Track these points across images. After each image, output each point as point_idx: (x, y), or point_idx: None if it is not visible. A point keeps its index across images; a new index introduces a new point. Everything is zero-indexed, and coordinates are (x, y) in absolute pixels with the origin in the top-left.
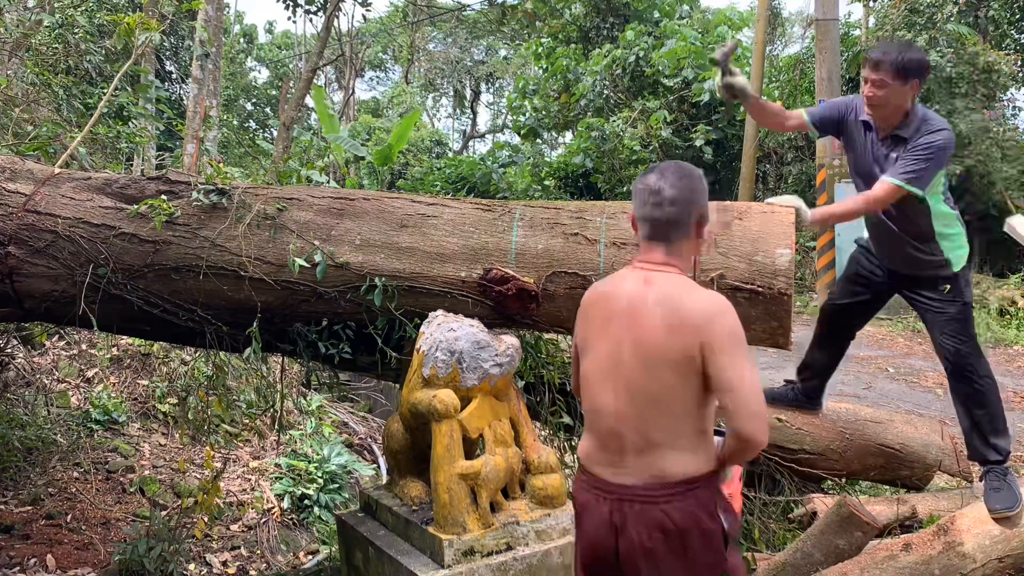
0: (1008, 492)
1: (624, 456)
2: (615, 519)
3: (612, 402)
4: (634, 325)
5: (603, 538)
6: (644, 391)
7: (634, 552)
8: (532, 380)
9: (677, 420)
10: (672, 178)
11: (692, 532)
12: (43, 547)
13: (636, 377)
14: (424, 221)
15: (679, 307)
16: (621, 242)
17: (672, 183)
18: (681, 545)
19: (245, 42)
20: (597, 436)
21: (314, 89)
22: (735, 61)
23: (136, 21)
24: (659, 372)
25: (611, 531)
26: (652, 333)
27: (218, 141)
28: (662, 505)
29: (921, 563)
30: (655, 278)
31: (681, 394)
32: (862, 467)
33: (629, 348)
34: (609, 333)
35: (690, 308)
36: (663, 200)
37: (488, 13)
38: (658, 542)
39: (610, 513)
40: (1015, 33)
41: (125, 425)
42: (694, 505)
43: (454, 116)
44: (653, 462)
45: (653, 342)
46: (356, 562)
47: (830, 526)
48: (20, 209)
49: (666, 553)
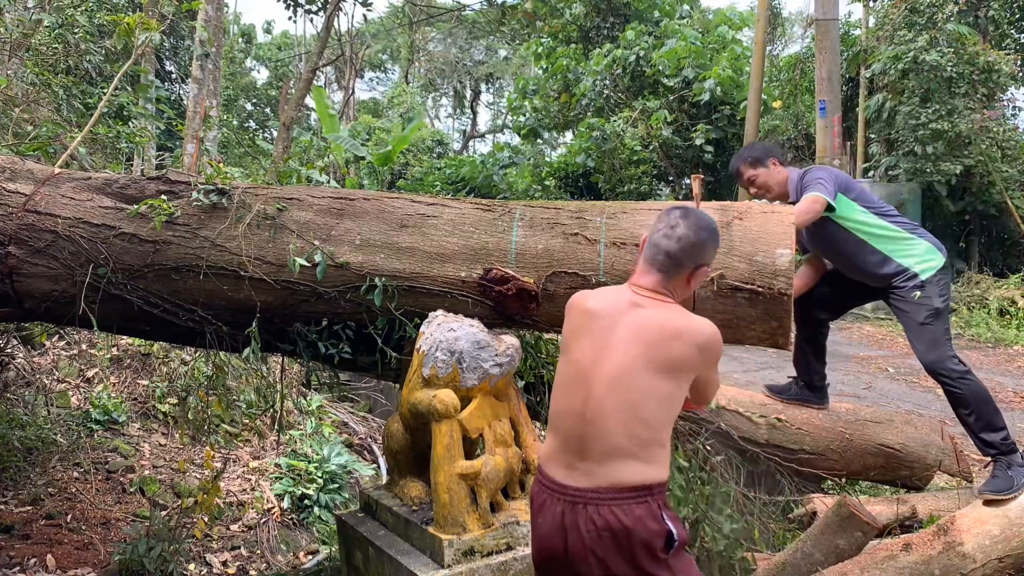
0: (1003, 479)
1: (583, 460)
2: (566, 520)
3: (581, 405)
4: (623, 334)
5: (554, 538)
6: (620, 397)
7: (582, 552)
8: (532, 380)
9: (646, 429)
10: (693, 223)
11: (638, 534)
12: (43, 547)
13: (614, 383)
14: (424, 221)
15: (678, 323)
16: (621, 242)
17: (691, 227)
18: (627, 546)
19: (244, 42)
20: (560, 437)
21: (314, 89)
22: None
23: (136, 21)
24: (642, 379)
25: (561, 532)
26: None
27: (218, 141)
28: (611, 507)
29: (921, 563)
30: (646, 303)
31: (658, 402)
32: (862, 467)
33: (614, 355)
34: (592, 338)
35: (689, 326)
36: (674, 235)
37: (488, 13)
38: (605, 542)
39: (561, 514)
40: (1015, 33)
41: (125, 425)
42: (642, 510)
43: (454, 116)
44: (611, 469)
45: (643, 351)
46: (356, 562)
47: (830, 526)
48: (20, 209)
49: (613, 554)
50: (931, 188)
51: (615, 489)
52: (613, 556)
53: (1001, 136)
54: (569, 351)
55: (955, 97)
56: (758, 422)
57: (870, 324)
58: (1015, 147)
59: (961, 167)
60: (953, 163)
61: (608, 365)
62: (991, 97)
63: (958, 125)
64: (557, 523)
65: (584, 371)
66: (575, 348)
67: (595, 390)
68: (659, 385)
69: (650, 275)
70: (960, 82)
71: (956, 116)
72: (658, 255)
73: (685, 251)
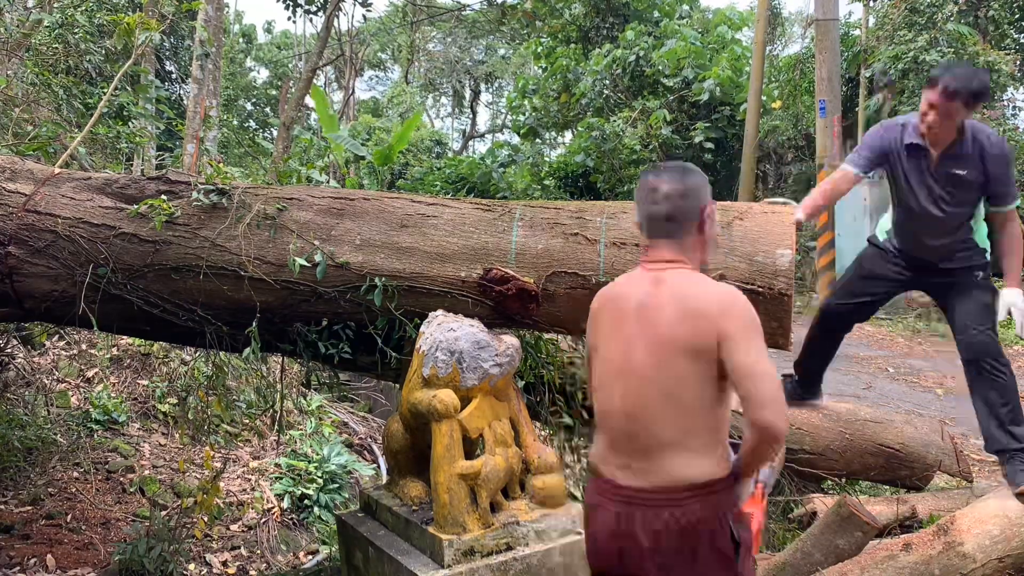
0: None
1: (634, 457)
2: (622, 522)
3: (621, 401)
4: (646, 322)
5: (609, 541)
6: (657, 387)
7: (641, 556)
8: (532, 380)
9: (690, 416)
10: (670, 175)
11: (700, 536)
12: (43, 547)
13: (649, 373)
14: (424, 221)
15: (693, 298)
16: (621, 242)
17: (669, 180)
18: (689, 550)
19: (244, 42)
20: (608, 438)
21: (314, 90)
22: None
23: (136, 21)
24: (674, 364)
25: (617, 535)
26: (666, 327)
27: (218, 141)
28: (670, 508)
29: (921, 563)
30: (665, 276)
31: (696, 386)
32: (862, 467)
33: (642, 345)
34: (620, 333)
35: (705, 298)
36: (660, 196)
37: (488, 13)
38: (664, 546)
39: (617, 516)
40: (1015, 33)
41: (125, 425)
42: (703, 510)
43: (454, 116)
44: (663, 464)
45: (668, 335)
46: (356, 562)
47: (830, 526)
48: (20, 209)
49: (674, 557)
50: None
51: (670, 487)
52: (674, 559)
53: (1001, 136)
54: (598, 350)
55: None
56: None
57: (870, 324)
58: (1015, 147)
59: None
60: None
61: (639, 356)
62: (991, 97)
63: None
64: (612, 524)
65: (618, 367)
66: (604, 345)
67: (631, 384)
68: (692, 368)
69: (658, 248)
70: None
71: None
72: (656, 224)
73: (680, 206)
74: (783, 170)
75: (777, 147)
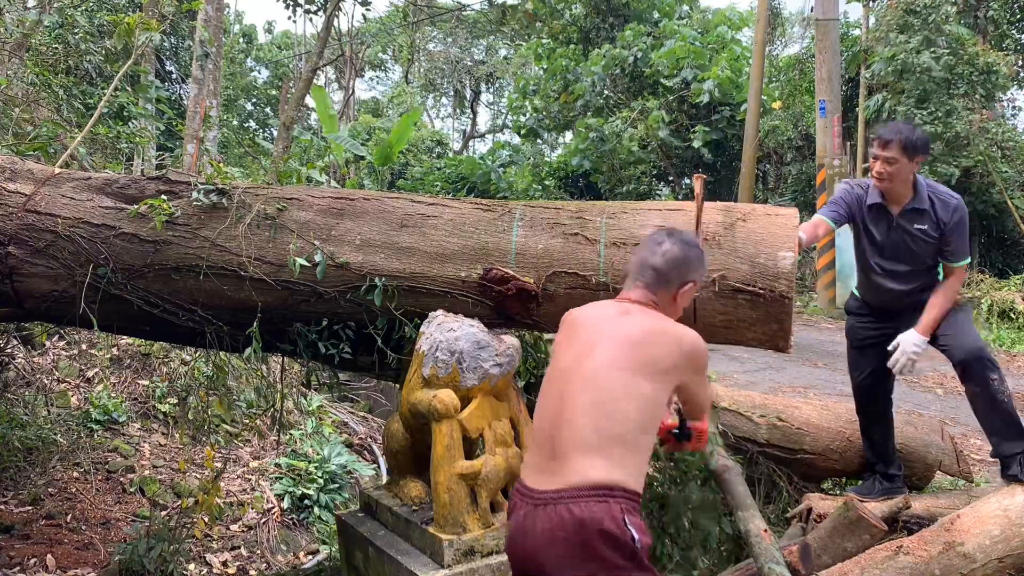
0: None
1: (553, 459)
2: (527, 521)
3: (557, 403)
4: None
5: (514, 541)
6: (600, 392)
7: (537, 551)
8: (532, 380)
9: (617, 425)
10: (679, 240)
11: (592, 531)
12: (43, 547)
13: (597, 378)
14: (424, 221)
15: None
16: (621, 242)
17: (676, 243)
18: (580, 544)
19: (245, 42)
20: (536, 441)
21: (314, 90)
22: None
23: (136, 21)
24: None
25: (524, 535)
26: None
27: (218, 141)
28: (567, 503)
29: (921, 563)
30: (633, 309)
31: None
32: (862, 467)
33: (600, 352)
34: (578, 341)
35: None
36: (660, 252)
37: (488, 13)
38: (559, 540)
39: (524, 517)
40: (1015, 33)
41: (125, 425)
42: (601, 509)
43: (454, 116)
44: (576, 466)
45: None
46: (356, 562)
47: (838, 529)
48: (20, 209)
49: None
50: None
51: (576, 488)
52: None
53: (1000, 136)
54: (555, 360)
55: (953, 98)
56: (758, 422)
57: None
58: (1014, 147)
59: (959, 169)
60: (951, 164)
61: (588, 364)
62: (990, 98)
63: (954, 127)
64: (519, 527)
65: (564, 373)
66: (560, 356)
67: (569, 389)
68: (638, 384)
69: (637, 289)
70: (959, 83)
71: (954, 117)
72: (645, 271)
73: (671, 266)
74: (783, 170)
75: (777, 147)
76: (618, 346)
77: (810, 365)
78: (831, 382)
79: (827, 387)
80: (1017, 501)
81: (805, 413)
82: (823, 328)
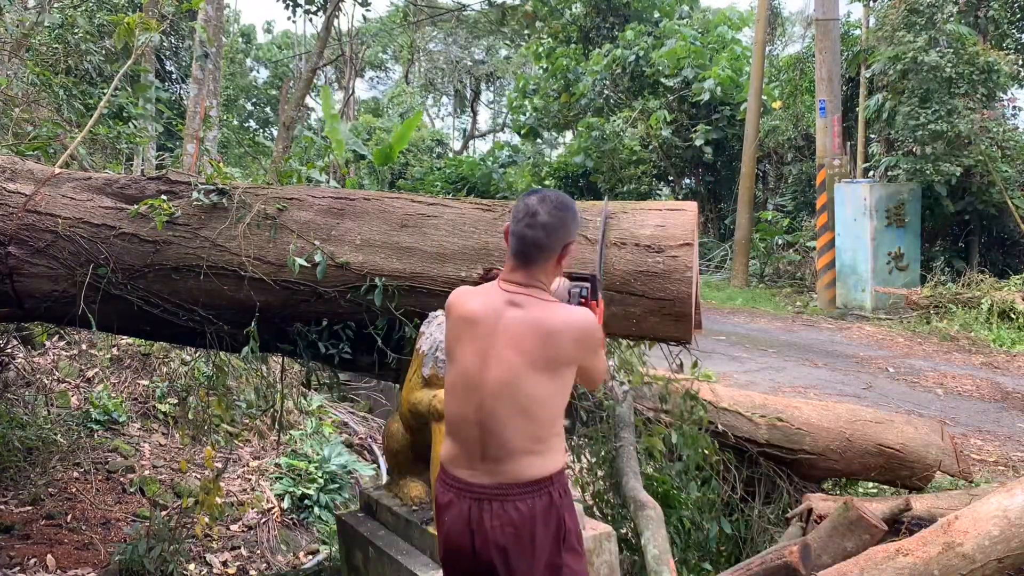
0: None
1: (484, 461)
2: (472, 516)
3: (475, 414)
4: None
5: (461, 535)
6: (511, 403)
7: (488, 547)
8: None
9: (540, 427)
10: (550, 206)
11: (537, 524)
12: (43, 547)
13: (504, 391)
14: (424, 221)
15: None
16: (621, 242)
17: (548, 210)
18: (529, 537)
19: (244, 42)
20: (459, 442)
21: (322, 89)
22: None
23: (136, 21)
24: (530, 382)
25: (468, 528)
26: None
27: (218, 141)
28: (514, 501)
29: (921, 563)
30: (520, 301)
31: (548, 400)
32: (862, 467)
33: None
34: (475, 346)
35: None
36: (536, 223)
37: (488, 13)
38: (509, 536)
39: (468, 511)
40: (1015, 33)
41: (125, 425)
42: (542, 501)
43: (454, 116)
44: (510, 467)
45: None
46: (356, 562)
47: (838, 529)
48: (20, 209)
49: (515, 546)
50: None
51: (518, 484)
52: (516, 549)
53: (1001, 136)
54: (455, 359)
55: (955, 97)
56: (758, 422)
57: (870, 324)
58: (1015, 147)
59: (961, 168)
60: (953, 163)
61: (494, 372)
62: (991, 97)
63: (957, 126)
64: (464, 519)
65: (472, 380)
66: (460, 356)
67: (486, 400)
68: (545, 383)
69: (519, 269)
70: (960, 82)
71: (956, 116)
72: (524, 246)
73: (550, 236)
74: (783, 170)
75: (777, 147)
76: (517, 352)
77: (810, 365)
78: (831, 382)
79: (827, 387)
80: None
81: (805, 413)
82: (823, 328)
